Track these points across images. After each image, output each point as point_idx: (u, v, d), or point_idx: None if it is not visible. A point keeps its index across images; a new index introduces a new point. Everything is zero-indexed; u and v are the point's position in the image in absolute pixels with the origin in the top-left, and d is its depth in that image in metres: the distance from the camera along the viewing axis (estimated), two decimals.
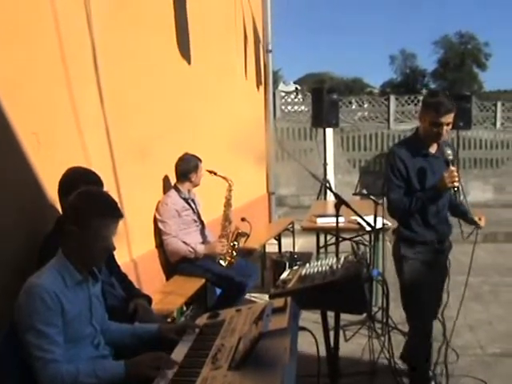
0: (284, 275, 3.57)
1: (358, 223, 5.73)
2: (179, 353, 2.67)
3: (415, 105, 27.83)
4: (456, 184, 3.97)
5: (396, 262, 4.51)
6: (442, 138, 4.18)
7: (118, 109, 4.86)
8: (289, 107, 25.73)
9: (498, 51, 62.31)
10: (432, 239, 4.26)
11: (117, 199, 2.96)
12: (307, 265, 3.63)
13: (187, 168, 5.97)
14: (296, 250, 8.98)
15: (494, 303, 2.98)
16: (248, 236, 6.26)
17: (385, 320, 5.37)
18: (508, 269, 8.27)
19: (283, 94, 23.23)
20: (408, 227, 4.30)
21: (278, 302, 2.79)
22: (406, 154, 4.19)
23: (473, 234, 4.38)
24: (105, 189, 3.50)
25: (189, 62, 6.77)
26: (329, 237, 7.69)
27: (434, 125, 4.04)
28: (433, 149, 4.25)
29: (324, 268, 3.39)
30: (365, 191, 6.61)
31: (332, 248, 6.17)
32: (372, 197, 5.61)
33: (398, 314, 5.64)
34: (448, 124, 4.05)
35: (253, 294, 6.78)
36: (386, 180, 4.28)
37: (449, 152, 4.11)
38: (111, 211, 2.82)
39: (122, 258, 4.43)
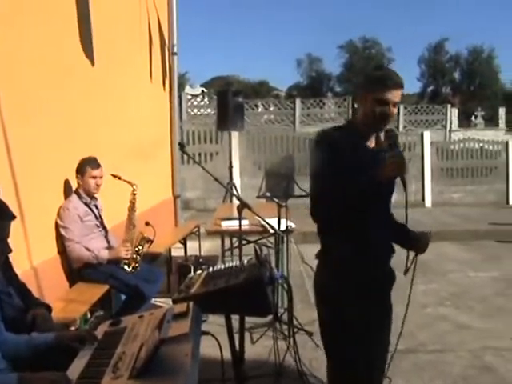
0: (188, 279, 3.54)
1: (263, 226, 5.78)
2: (79, 363, 2.60)
3: (320, 108, 28.44)
4: (402, 172, 3.04)
5: (321, 299, 3.38)
6: (387, 124, 3.23)
7: (16, 111, 4.72)
8: (195, 110, 25.76)
9: (400, 56, 64.46)
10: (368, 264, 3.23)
11: (16, 204, 2.88)
12: (211, 268, 3.61)
13: (78, 171, 5.87)
14: (202, 254, 8.97)
15: (397, 302, 3.07)
16: (152, 241, 6.21)
17: (292, 321, 5.44)
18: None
19: (189, 96, 23.14)
20: (336, 245, 3.23)
21: (181, 307, 2.76)
22: (344, 145, 3.17)
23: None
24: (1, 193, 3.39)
25: (92, 63, 6.65)
26: (235, 239, 7.72)
27: (379, 103, 3.13)
28: (371, 142, 3.29)
29: (227, 271, 3.39)
30: (268, 194, 6.64)
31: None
32: (275, 199, 5.66)
33: (304, 314, 5.74)
34: (395, 105, 3.17)
35: (158, 299, 6.71)
36: (315, 177, 3.24)
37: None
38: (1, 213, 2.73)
39: (21, 265, 4.30)
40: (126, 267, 5.85)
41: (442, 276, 8.84)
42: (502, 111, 32.69)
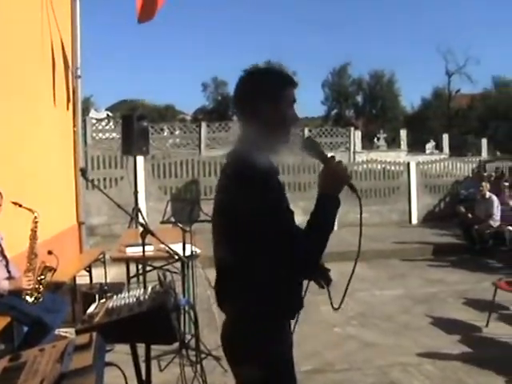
0: (91, 309, 3.45)
1: (168, 251, 5.73)
2: None
3: (226, 131, 28.57)
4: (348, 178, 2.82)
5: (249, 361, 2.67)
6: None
7: None
8: (100, 134, 25.39)
9: (304, 80, 66.13)
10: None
11: None
12: (115, 297, 3.54)
13: None
14: (108, 281, 8.79)
15: (304, 323, 3.08)
16: (55, 269, 6.04)
17: (199, 347, 5.40)
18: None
19: (94, 121, 22.78)
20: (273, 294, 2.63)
21: (84, 338, 2.68)
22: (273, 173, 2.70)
23: None
24: None
25: None
26: (140, 266, 7.62)
27: (289, 105, 2.72)
28: None
29: (131, 300, 3.32)
30: (172, 219, 6.60)
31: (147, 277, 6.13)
32: (180, 224, 5.63)
33: (212, 339, 5.70)
34: None
35: (63, 330, 6.52)
36: (258, 219, 2.49)
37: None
38: None
39: None
40: (27, 298, 5.66)
41: (348, 295, 8.93)
42: (403, 133, 33.76)
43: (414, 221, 17.70)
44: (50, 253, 6.21)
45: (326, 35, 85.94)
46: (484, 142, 33.79)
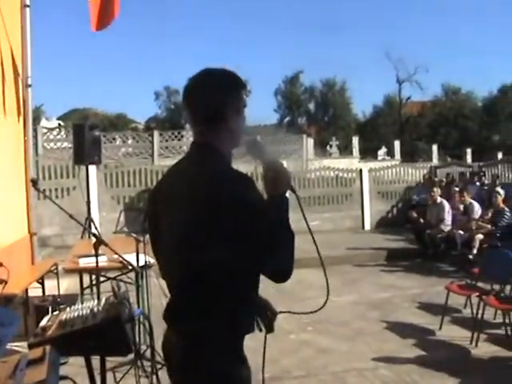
0: (44, 321, 3.40)
1: (122, 262, 5.67)
2: None
3: (179, 140, 28.48)
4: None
5: None
6: None
7: None
8: (51, 144, 25.06)
9: (257, 88, 66.39)
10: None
11: None
12: (68, 309, 3.49)
13: None
14: (61, 293, 8.65)
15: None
16: (6, 282, 5.93)
17: (154, 357, 5.35)
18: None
19: (45, 130, 22.44)
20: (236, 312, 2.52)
21: (37, 352, 2.64)
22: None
23: None
24: None
25: None
26: (94, 277, 7.52)
27: (243, 108, 2.66)
28: None
29: (85, 311, 3.28)
30: (126, 229, 6.54)
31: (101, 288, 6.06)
32: (133, 234, 5.58)
33: None
34: None
35: (15, 344, 6.38)
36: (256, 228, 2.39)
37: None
38: None
39: None
40: None
41: (302, 302, 9.00)
42: (355, 140, 34.10)
43: (367, 227, 17.86)
44: (0, 265, 6.09)
45: (278, 43, 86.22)
46: (434, 148, 34.33)
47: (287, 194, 2.60)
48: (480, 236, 11.42)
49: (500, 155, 28.68)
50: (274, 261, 2.48)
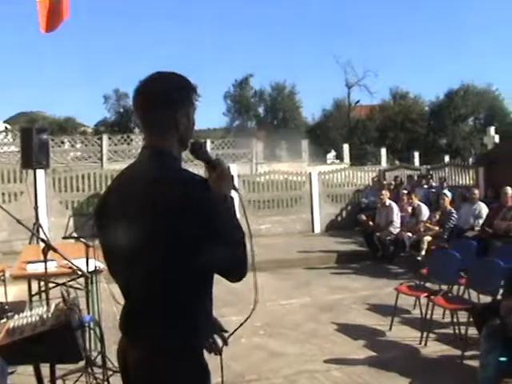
0: None
1: (71, 267, 5.58)
2: None
3: (128, 144, 28.24)
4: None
5: None
6: None
7: None
8: None
9: (207, 92, 66.27)
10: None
11: None
12: (16, 316, 3.41)
13: None
14: (9, 300, 8.45)
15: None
16: None
17: (105, 364, 5.27)
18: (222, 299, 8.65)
19: None
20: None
21: None
22: None
23: None
24: None
25: None
26: (43, 283, 7.39)
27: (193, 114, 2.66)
28: None
29: (34, 318, 3.22)
30: (75, 234, 6.44)
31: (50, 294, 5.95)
32: (82, 239, 5.50)
33: None
34: None
35: None
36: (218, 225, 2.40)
37: None
38: None
39: None
40: None
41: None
42: (304, 144, 34.28)
43: (317, 230, 17.98)
44: None
45: (227, 47, 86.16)
46: (383, 151, 34.76)
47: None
48: (428, 238, 11.62)
49: (447, 158, 29.23)
50: (232, 259, 2.47)
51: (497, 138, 22.68)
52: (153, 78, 2.57)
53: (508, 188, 11.28)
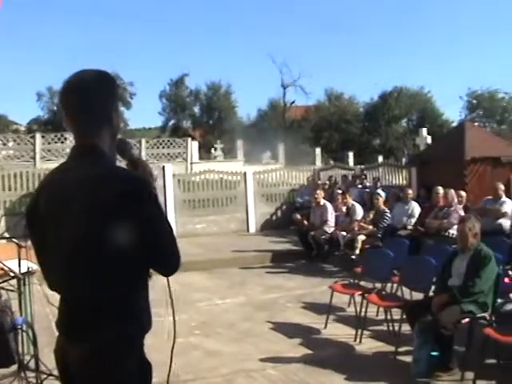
0: None
1: (2, 268, 5.45)
2: None
3: (62, 142, 27.71)
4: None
5: None
6: None
7: None
8: None
9: (142, 90, 65.25)
10: None
11: None
12: None
13: None
14: None
15: (147, 335, 2.98)
16: None
17: (38, 368, 5.16)
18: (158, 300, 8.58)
19: None
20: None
21: None
22: None
23: None
24: None
25: None
26: None
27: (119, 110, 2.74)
28: None
29: None
30: (7, 234, 6.28)
31: None
32: (14, 239, 5.37)
33: (52, 358, 5.47)
34: None
35: None
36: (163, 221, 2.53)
37: None
38: None
39: None
40: None
41: (190, 306, 8.97)
42: (239, 143, 34.33)
43: (252, 229, 18.01)
44: None
45: (164, 45, 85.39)
46: (318, 151, 35.10)
47: None
48: (362, 237, 11.77)
49: (380, 158, 29.74)
50: (168, 253, 2.54)
51: (429, 139, 23.24)
52: (79, 75, 2.54)
53: (439, 188, 11.53)
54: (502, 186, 11.67)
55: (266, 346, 7.08)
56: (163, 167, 17.29)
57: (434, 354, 5.91)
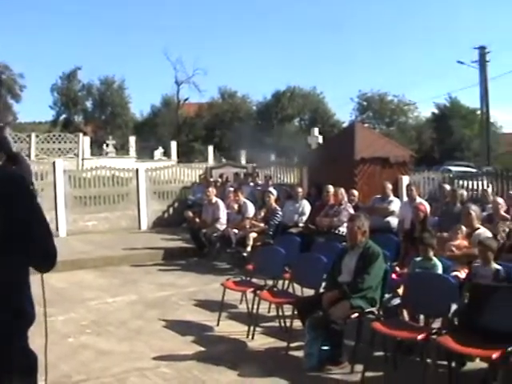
0: None
1: None
2: None
3: None
4: None
5: None
6: None
7: None
8: None
9: (32, 83, 62.94)
10: None
11: None
12: None
13: None
14: None
15: (36, 335, 2.90)
16: None
17: None
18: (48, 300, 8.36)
19: None
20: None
21: None
22: None
23: None
24: None
25: None
26: None
27: None
28: None
29: None
30: None
31: None
32: None
33: None
34: None
35: None
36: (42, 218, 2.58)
37: None
38: None
39: None
40: None
41: (80, 304, 8.81)
42: (132, 140, 33.93)
43: (144, 227, 17.81)
44: None
45: (57, 37, 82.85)
46: (210, 149, 35.17)
47: None
48: (254, 234, 11.87)
49: (273, 157, 30.09)
50: (43, 249, 2.55)
51: (320, 139, 23.74)
52: None
53: (330, 186, 11.82)
54: (390, 186, 12.12)
55: (158, 344, 7.04)
56: (54, 163, 16.83)
57: (324, 348, 6.07)
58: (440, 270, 6.69)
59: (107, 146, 34.75)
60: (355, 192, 12.31)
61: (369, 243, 6.55)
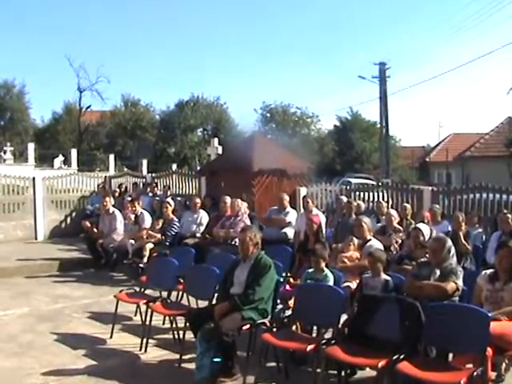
0: None
1: None
2: None
3: None
4: None
5: None
6: None
7: None
8: None
9: None
10: None
11: None
12: None
13: None
14: None
15: None
16: None
17: None
18: None
19: None
20: None
21: None
22: None
23: None
24: None
25: None
26: None
27: None
28: None
29: None
30: None
31: None
32: None
33: None
34: None
35: None
36: None
37: None
38: None
39: None
40: None
41: None
42: (31, 147, 33.08)
43: (41, 237, 17.38)
44: None
45: None
46: (112, 157, 34.72)
47: None
48: (150, 245, 11.77)
49: (175, 167, 30.02)
50: None
51: (220, 149, 23.84)
52: None
53: (227, 197, 11.89)
54: (287, 197, 12.27)
55: (48, 359, 6.90)
56: None
57: (216, 360, 6.09)
58: (331, 282, 6.88)
59: (5, 152, 33.74)
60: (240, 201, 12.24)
61: (260, 254, 6.63)
